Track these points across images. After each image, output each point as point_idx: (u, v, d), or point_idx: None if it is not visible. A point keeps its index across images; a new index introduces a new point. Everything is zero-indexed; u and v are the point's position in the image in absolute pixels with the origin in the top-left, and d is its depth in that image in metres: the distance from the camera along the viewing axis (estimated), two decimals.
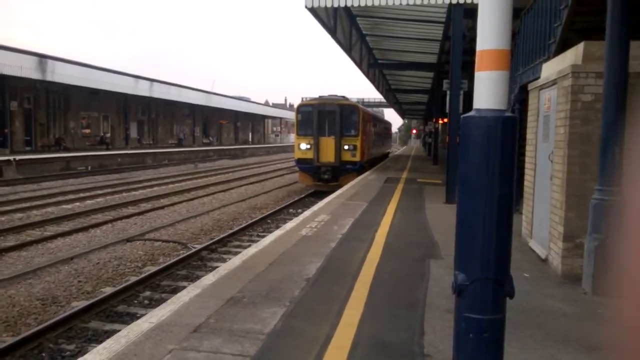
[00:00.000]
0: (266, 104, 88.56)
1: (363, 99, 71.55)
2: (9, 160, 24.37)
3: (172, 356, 3.77)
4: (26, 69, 27.92)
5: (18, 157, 25.36)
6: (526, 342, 4.16)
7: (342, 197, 13.60)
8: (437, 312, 4.84)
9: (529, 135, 7.81)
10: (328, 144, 20.42)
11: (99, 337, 6.09)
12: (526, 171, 7.91)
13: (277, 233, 8.68)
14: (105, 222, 13.25)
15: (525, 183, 7.96)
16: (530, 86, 7.99)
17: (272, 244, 7.75)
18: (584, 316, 4.89)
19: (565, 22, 7.60)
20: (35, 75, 28.76)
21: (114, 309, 7.18)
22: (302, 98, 48.73)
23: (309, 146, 20.60)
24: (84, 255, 9.86)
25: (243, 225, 13.01)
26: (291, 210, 16.20)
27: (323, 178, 20.49)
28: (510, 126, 2.66)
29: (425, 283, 5.82)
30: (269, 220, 14.21)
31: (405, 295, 5.40)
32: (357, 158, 20.63)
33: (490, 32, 2.64)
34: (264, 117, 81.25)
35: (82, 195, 18.39)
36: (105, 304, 7.20)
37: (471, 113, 2.70)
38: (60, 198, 17.46)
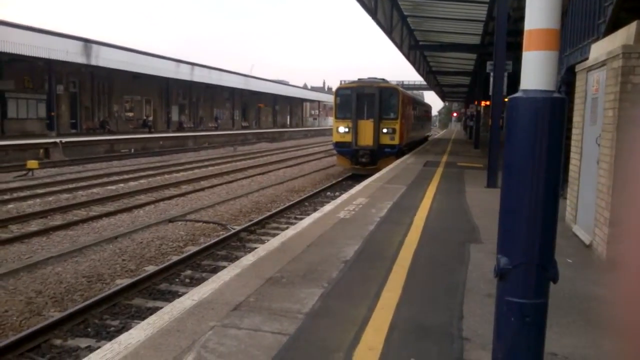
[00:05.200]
0: (304, 87, 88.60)
1: (402, 81, 70.77)
2: (55, 143, 25.19)
3: (213, 332, 3.86)
4: (72, 54, 28.65)
5: (64, 140, 26.17)
6: (568, 328, 4.08)
7: (380, 180, 13.54)
8: (477, 296, 4.79)
9: (576, 118, 7.58)
10: (366, 127, 20.27)
11: (142, 314, 6.28)
12: (572, 155, 7.69)
13: (315, 215, 8.72)
14: (148, 203, 13.59)
15: (571, 167, 7.74)
16: (577, 67, 7.73)
17: (310, 226, 7.79)
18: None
19: (617, 0, 7.29)
20: (80, 59, 29.48)
21: (156, 287, 7.37)
22: (341, 81, 48.50)
23: (347, 129, 20.50)
24: (128, 235, 10.13)
25: (281, 208, 13.12)
26: (329, 193, 16.24)
27: (361, 161, 20.39)
28: (559, 108, 2.58)
29: (464, 267, 5.76)
30: (306, 203, 14.28)
31: (444, 279, 5.36)
32: (396, 141, 20.43)
33: (539, 11, 2.56)
34: (302, 101, 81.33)
35: (125, 176, 18.88)
36: (148, 282, 7.40)
37: (518, 94, 2.63)
38: (105, 179, 17.97)
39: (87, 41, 29.92)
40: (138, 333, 3.84)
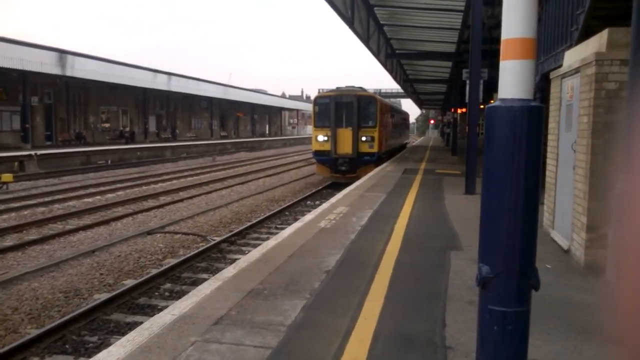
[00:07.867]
0: (283, 96, 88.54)
1: (380, 89, 71.26)
2: (30, 155, 24.72)
3: (194, 348, 3.80)
4: (46, 65, 28.16)
5: (39, 152, 25.69)
6: (549, 334, 4.11)
7: (360, 188, 13.56)
8: (459, 303, 4.81)
9: (551, 124, 7.69)
10: (345, 135, 20.35)
11: (121, 329, 6.17)
12: (548, 161, 7.79)
13: (296, 225, 8.68)
14: (126, 215, 13.39)
15: (547, 173, 7.84)
16: (552, 74, 7.85)
17: (291, 236, 7.76)
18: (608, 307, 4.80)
19: (589, 8, 7.44)
20: (55, 70, 28.99)
21: (135, 301, 7.25)
22: (319, 89, 48.70)
23: (326, 138, 20.54)
24: (106, 248, 9.97)
25: (261, 218, 13.05)
26: (309, 202, 16.21)
27: (341, 170, 20.44)
28: (537, 116, 2.61)
29: (445, 275, 5.78)
30: (287, 213, 14.23)
31: (426, 287, 5.37)
32: (375, 149, 20.54)
33: (515, 21, 2.59)
34: (280, 109, 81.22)
35: (102, 188, 18.60)
36: (126, 296, 7.28)
37: (496, 103, 2.65)
38: (81, 192, 17.69)
39: (62, 52, 29.47)
40: (117, 350, 3.77)
